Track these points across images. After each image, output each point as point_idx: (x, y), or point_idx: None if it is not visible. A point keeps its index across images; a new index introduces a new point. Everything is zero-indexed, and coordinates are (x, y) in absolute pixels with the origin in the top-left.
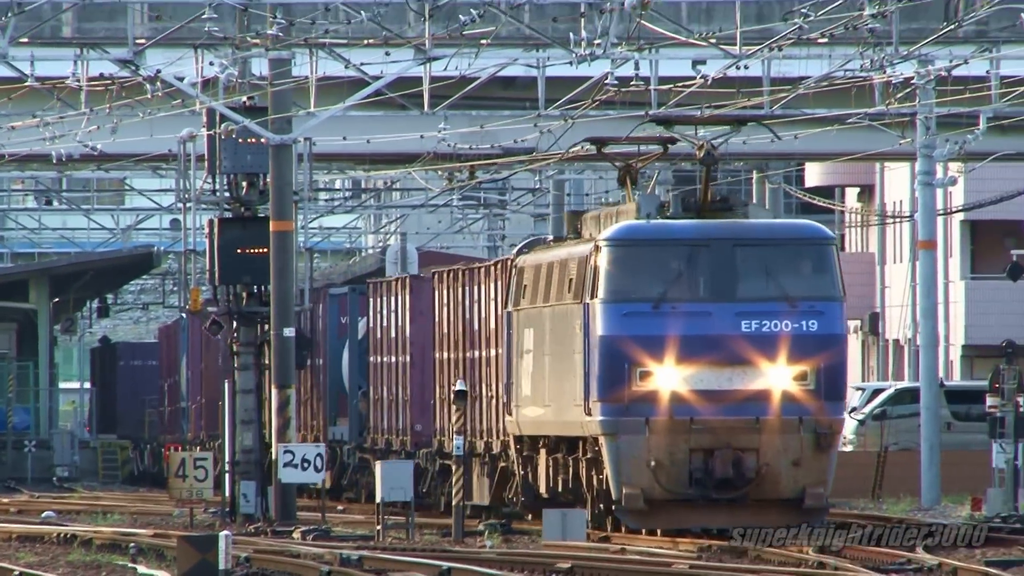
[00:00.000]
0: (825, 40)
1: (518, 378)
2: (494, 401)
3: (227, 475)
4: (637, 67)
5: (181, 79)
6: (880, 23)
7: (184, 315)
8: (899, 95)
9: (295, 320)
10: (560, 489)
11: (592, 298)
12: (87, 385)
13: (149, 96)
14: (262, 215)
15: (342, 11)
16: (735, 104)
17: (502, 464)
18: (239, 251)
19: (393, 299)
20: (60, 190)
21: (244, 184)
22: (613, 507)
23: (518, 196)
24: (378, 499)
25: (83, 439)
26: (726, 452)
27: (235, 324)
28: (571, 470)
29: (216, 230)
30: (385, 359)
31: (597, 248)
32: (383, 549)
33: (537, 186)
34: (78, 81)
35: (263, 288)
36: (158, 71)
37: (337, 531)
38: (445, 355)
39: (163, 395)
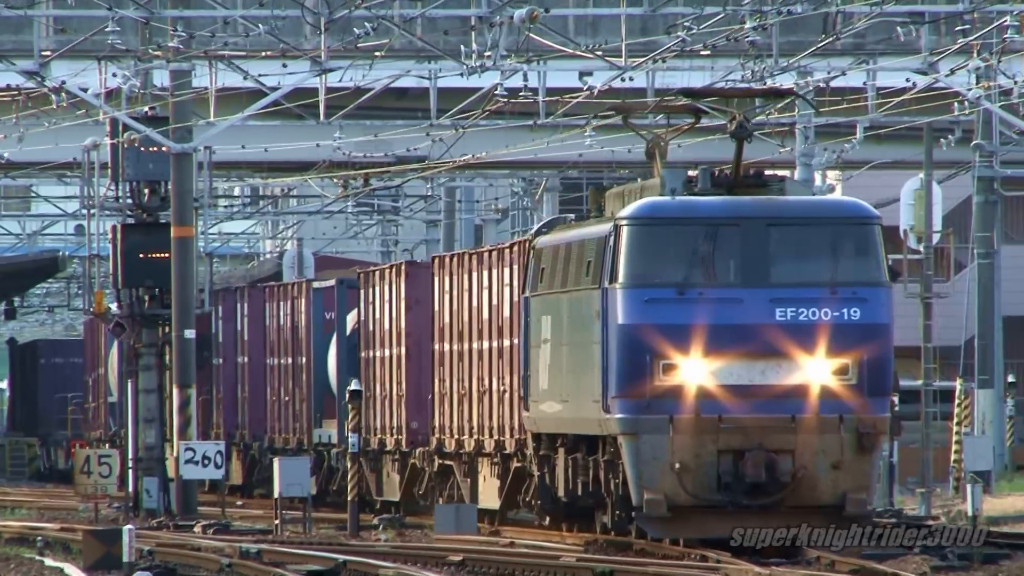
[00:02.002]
0: (707, 52)
1: (535, 370)
2: (507, 395)
3: (130, 471)
4: (526, 78)
5: (85, 90)
6: (760, 36)
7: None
8: (779, 105)
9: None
10: (579, 492)
11: (611, 283)
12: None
13: (54, 106)
14: (164, 221)
15: (240, 24)
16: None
17: (516, 464)
18: (141, 256)
19: (387, 288)
20: None
21: (146, 191)
22: (633, 514)
23: (411, 203)
24: (276, 495)
25: None
26: (758, 454)
27: (138, 326)
28: (591, 472)
29: (119, 235)
30: (378, 353)
31: (616, 227)
32: (281, 543)
33: (429, 193)
34: None
35: (164, 291)
36: (63, 82)
37: (237, 525)
38: (446, 347)
39: (87, 390)
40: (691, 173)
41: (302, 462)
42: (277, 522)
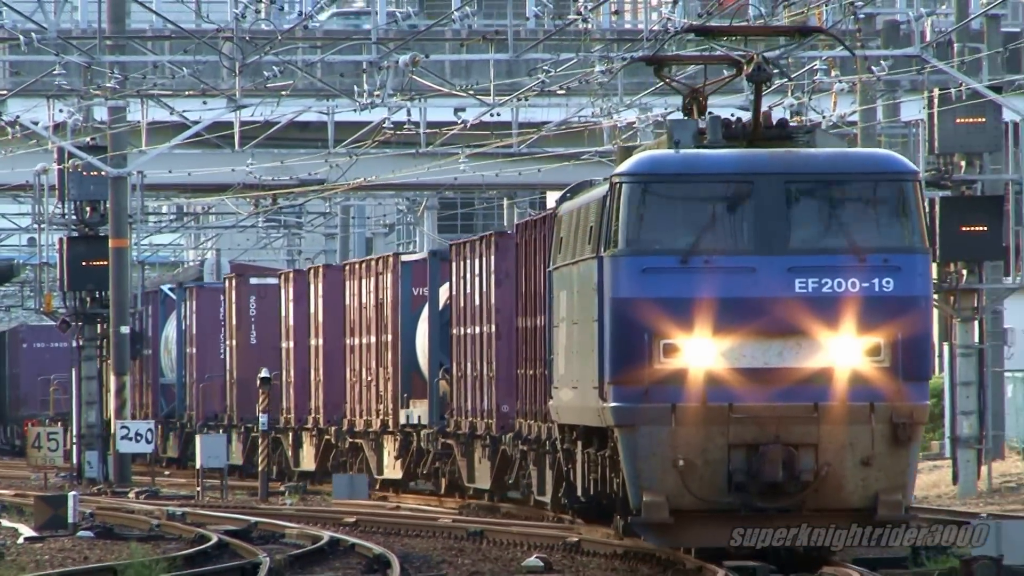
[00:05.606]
0: (563, 92)
1: (556, 353)
2: None
3: (75, 446)
4: (409, 113)
5: (36, 123)
6: (608, 78)
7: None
8: (624, 136)
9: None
10: (592, 491)
11: (606, 250)
12: None
13: (10, 137)
14: (103, 234)
15: (167, 68)
16: (490, 144)
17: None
18: (84, 264)
19: (477, 261)
20: None
21: (88, 209)
22: (629, 518)
23: (312, 219)
24: (198, 465)
25: None
26: (775, 448)
27: (81, 323)
28: (599, 470)
29: (65, 246)
30: (468, 330)
31: (612, 186)
32: (203, 507)
33: (327, 211)
34: None
35: (103, 294)
36: (17, 117)
37: (165, 492)
38: (526, 323)
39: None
40: (702, 125)
41: (220, 438)
42: (199, 489)
